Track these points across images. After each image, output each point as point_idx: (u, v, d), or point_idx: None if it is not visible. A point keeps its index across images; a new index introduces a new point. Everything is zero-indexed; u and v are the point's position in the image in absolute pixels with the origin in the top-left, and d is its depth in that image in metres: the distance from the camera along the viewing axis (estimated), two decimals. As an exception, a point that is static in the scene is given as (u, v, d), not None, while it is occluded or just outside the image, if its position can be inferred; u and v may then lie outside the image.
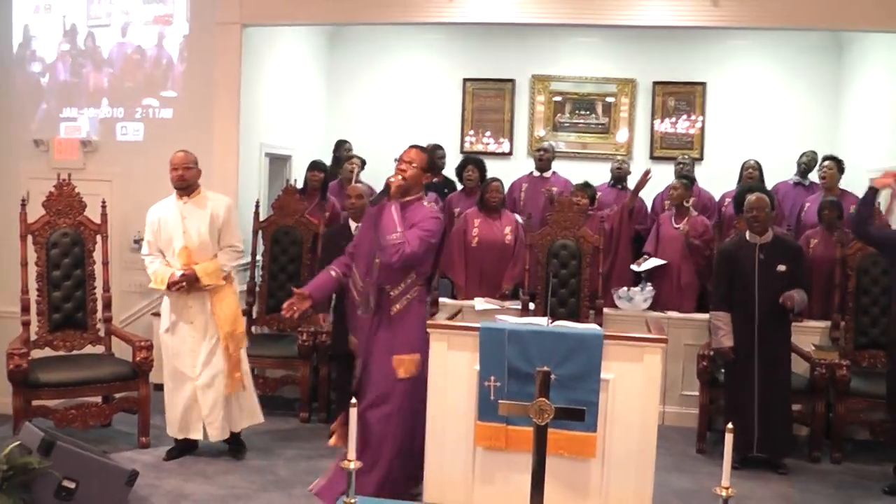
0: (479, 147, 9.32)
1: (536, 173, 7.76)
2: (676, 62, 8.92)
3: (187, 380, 5.26)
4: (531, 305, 6.48)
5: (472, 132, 9.38)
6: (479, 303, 6.58)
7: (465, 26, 7.98)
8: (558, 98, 9.21)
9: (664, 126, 9.05)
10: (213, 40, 6.69)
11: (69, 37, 6.87)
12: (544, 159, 7.74)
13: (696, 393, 6.05)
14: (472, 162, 7.54)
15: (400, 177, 4.30)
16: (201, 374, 5.24)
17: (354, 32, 9.33)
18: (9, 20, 6.82)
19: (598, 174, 8.01)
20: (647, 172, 6.98)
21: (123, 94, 6.83)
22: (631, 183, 7.46)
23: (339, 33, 9.44)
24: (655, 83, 9.04)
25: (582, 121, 9.22)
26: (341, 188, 7.18)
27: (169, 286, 5.17)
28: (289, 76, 8.49)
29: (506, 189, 7.24)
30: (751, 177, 7.35)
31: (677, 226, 6.88)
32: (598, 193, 7.35)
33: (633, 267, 6.88)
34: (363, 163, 7.59)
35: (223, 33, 6.71)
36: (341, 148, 8.15)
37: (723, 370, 5.81)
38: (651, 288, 6.62)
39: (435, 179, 8.03)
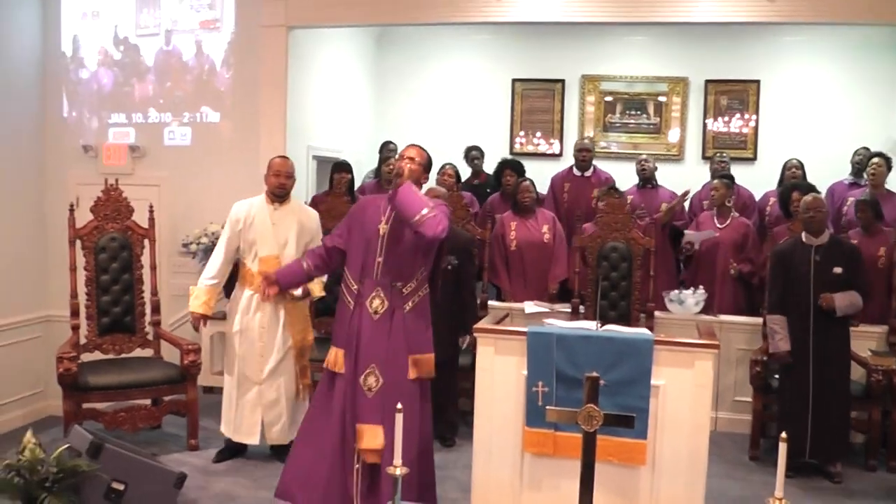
0: (530, 148, 9.27)
1: (577, 172, 7.66)
2: (729, 60, 8.76)
3: (252, 383, 5.25)
4: (581, 308, 6.39)
5: (522, 133, 9.32)
6: (529, 306, 6.50)
7: (513, 26, 7.91)
8: (609, 98, 9.10)
9: (717, 125, 8.88)
10: (259, 43, 6.71)
11: (117, 44, 6.93)
12: (587, 159, 7.64)
13: (750, 399, 5.94)
14: (510, 165, 7.48)
15: (409, 165, 4.17)
16: (268, 378, 5.22)
17: (402, 34, 9.32)
18: (58, 27, 6.90)
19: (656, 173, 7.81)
20: (685, 194, 6.90)
21: (171, 101, 6.87)
22: (660, 181, 7.44)
23: (387, 34, 9.44)
24: (708, 81, 8.90)
25: (633, 121, 9.11)
26: (379, 189, 7.18)
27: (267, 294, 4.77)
28: (336, 78, 8.51)
29: (545, 187, 7.15)
30: (794, 176, 7.19)
31: (720, 226, 6.77)
32: (630, 197, 7.20)
33: (686, 244, 6.77)
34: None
35: (269, 36, 6.72)
36: (386, 149, 8.14)
37: (776, 376, 5.67)
38: (703, 291, 6.49)
39: (476, 181, 8.02)
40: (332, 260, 4.43)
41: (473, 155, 8.11)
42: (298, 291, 5.16)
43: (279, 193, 5.26)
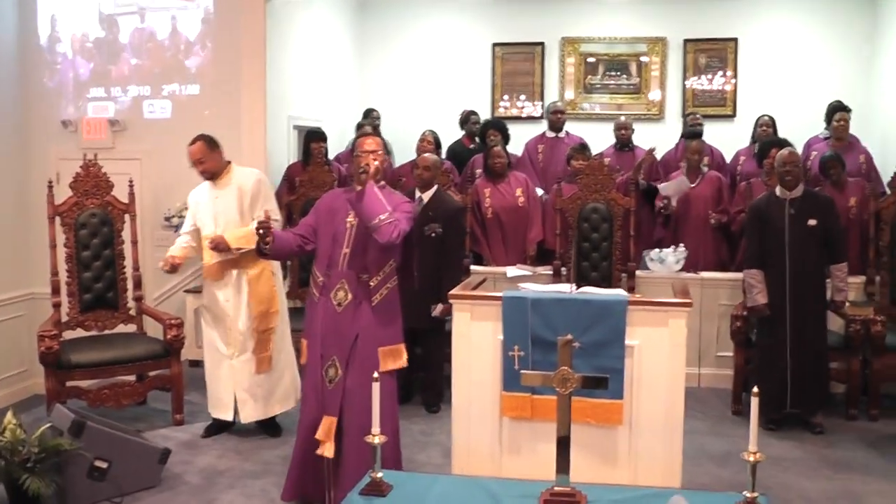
0: (515, 112, 9.23)
1: (551, 133, 7.68)
2: (707, 19, 8.76)
3: (223, 358, 5.29)
4: (563, 270, 6.42)
5: (506, 97, 9.29)
6: (511, 270, 6.54)
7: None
8: (592, 59, 9.06)
9: (699, 83, 8.86)
10: (237, 13, 6.62)
11: (94, 23, 6.86)
12: (560, 120, 7.71)
13: (732, 354, 5.98)
14: (493, 125, 7.48)
15: (377, 161, 4.17)
16: (238, 353, 5.26)
17: (383, 0, 9.25)
18: (34, 5, 6.83)
19: (633, 135, 7.80)
20: (650, 151, 6.91)
21: (150, 75, 6.81)
22: (641, 141, 7.48)
23: (368, 1, 9.37)
24: (686, 41, 8.89)
25: (613, 82, 9.10)
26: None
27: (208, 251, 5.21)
28: (318, 46, 8.46)
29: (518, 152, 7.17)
30: (765, 133, 7.26)
31: (693, 184, 6.81)
32: (607, 159, 7.17)
33: (661, 199, 6.78)
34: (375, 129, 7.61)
35: (247, 5, 6.64)
36: (370, 116, 8.12)
37: (755, 330, 5.72)
38: (683, 249, 6.53)
39: (471, 146, 8.01)
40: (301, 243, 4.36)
41: (473, 119, 8.09)
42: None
43: (205, 177, 5.33)
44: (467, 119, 8.16)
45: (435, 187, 5.94)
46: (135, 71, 6.82)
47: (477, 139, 7.91)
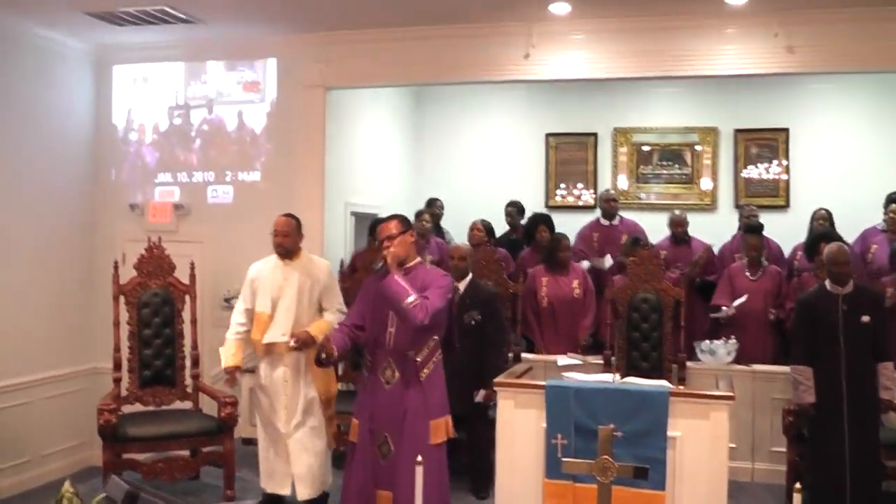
0: (571, 200, 9.35)
1: (605, 221, 7.76)
2: (757, 109, 8.80)
3: (280, 434, 5.35)
4: (613, 360, 6.43)
5: (562, 185, 9.41)
6: (562, 359, 6.56)
7: (545, 83, 8.05)
8: (647, 149, 9.18)
9: (751, 173, 8.90)
10: (298, 104, 6.93)
11: (166, 112, 7.22)
12: (613, 208, 7.81)
13: (785, 449, 5.89)
14: (543, 220, 7.60)
15: (392, 249, 4.31)
16: (294, 431, 5.31)
17: (439, 91, 9.51)
18: (109, 93, 7.22)
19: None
20: (708, 248, 6.93)
21: (215, 162, 7.11)
22: (694, 231, 7.52)
23: (425, 92, 9.64)
24: (737, 131, 8.95)
25: (665, 171, 9.17)
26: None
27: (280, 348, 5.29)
28: (375, 135, 8.71)
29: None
30: (821, 227, 7.20)
31: (753, 278, 6.77)
32: (664, 252, 7.23)
33: (720, 313, 6.72)
34: (434, 217, 7.86)
35: (308, 97, 6.93)
36: (433, 206, 8.35)
37: (808, 426, 5.63)
38: (734, 341, 6.49)
39: (514, 236, 8.13)
40: (356, 334, 4.52)
41: (509, 210, 8.25)
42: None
43: (279, 252, 5.42)
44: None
45: (470, 276, 6.05)
46: (201, 158, 7.14)
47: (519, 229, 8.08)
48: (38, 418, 6.41)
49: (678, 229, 7.56)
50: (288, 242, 5.40)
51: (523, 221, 8.15)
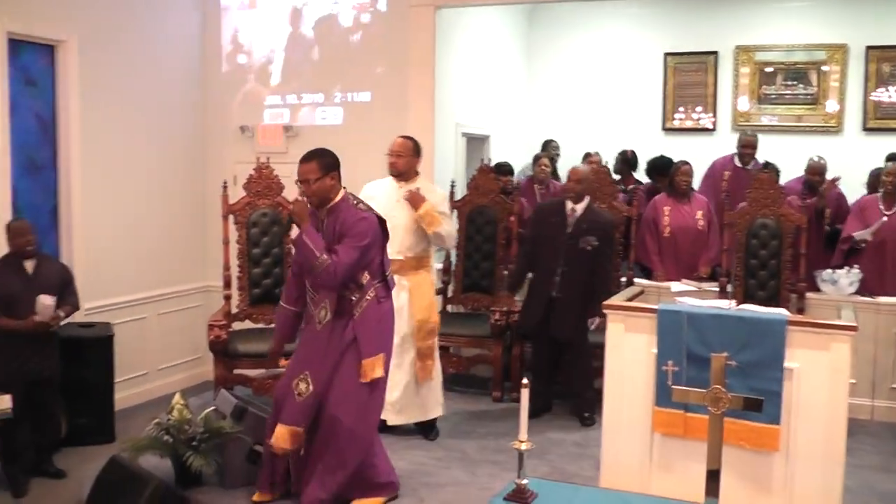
0: (690, 123, 9.00)
1: (739, 163, 7.35)
2: (892, 24, 8.18)
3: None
4: (729, 288, 6.21)
5: (681, 109, 9.07)
6: (677, 285, 6.39)
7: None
8: (770, 69, 8.71)
9: (880, 95, 8.34)
10: (407, 23, 6.80)
11: (273, 33, 7.19)
12: (751, 155, 7.28)
13: (908, 385, 5.61)
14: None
15: (304, 197, 4.29)
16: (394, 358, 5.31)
17: (553, 10, 9.26)
18: (218, 15, 7.24)
19: (808, 148, 7.39)
20: (835, 179, 6.55)
21: (324, 83, 7.07)
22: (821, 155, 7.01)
23: (538, 11, 9.40)
24: (869, 48, 8.34)
25: (789, 92, 8.70)
26: (531, 188, 7.44)
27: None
28: (486, 54, 8.54)
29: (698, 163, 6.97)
30: None
31: (888, 212, 6.33)
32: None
33: (859, 234, 6.31)
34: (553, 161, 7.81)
35: (417, 15, 6.79)
36: (548, 147, 8.30)
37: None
38: (858, 270, 6.15)
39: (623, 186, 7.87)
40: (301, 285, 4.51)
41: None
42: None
43: (392, 172, 5.39)
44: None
45: (587, 199, 5.88)
46: (310, 79, 7.11)
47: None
48: (155, 333, 6.63)
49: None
50: (401, 163, 5.37)
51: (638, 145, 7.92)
